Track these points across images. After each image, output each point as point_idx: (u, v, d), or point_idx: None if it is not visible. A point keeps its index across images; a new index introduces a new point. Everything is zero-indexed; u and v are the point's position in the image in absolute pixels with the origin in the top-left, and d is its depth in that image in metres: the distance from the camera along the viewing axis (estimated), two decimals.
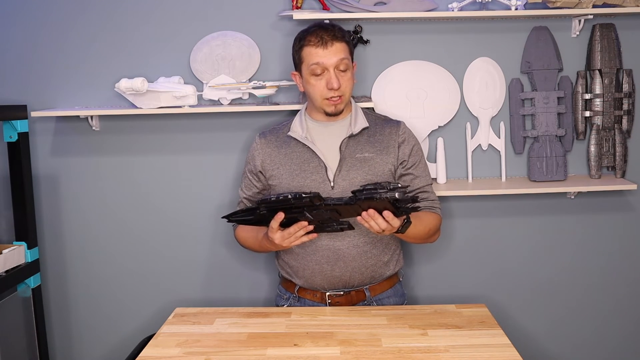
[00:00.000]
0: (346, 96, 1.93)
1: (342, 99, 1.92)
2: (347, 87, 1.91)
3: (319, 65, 1.87)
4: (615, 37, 2.28)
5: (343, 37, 1.90)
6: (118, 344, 2.44)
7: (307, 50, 1.88)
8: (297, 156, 1.95)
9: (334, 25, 1.93)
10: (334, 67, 1.87)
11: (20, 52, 2.31)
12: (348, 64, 1.90)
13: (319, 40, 1.87)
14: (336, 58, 1.87)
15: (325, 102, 1.91)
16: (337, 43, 1.87)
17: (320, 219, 1.73)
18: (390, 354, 1.61)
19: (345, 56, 1.89)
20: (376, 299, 1.99)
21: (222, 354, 1.65)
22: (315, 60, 1.87)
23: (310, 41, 1.88)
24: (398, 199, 1.61)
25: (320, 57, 1.87)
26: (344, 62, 1.88)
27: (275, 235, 1.78)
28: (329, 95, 1.89)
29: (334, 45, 1.87)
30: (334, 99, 1.90)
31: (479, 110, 2.33)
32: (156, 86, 2.19)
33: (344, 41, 1.90)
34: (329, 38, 1.87)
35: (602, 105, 2.29)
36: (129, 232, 2.40)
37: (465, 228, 2.40)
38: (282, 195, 1.70)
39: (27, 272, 2.26)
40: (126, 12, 2.29)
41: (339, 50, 1.88)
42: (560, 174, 2.30)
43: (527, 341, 2.43)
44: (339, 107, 1.93)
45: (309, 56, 1.88)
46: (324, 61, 1.87)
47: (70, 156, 2.36)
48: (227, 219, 1.85)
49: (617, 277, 2.44)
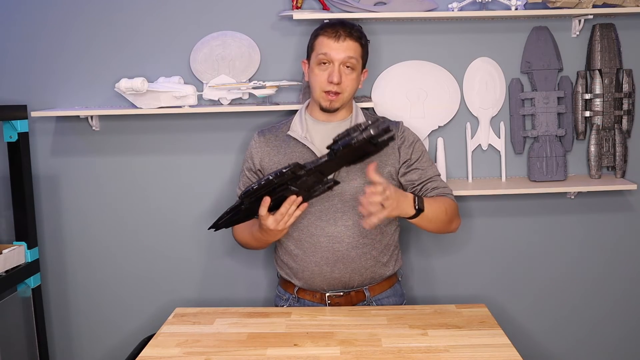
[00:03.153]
0: (345, 95, 1.92)
1: (340, 97, 1.91)
2: (348, 86, 1.91)
3: (326, 56, 1.88)
4: (615, 37, 2.28)
5: (359, 38, 1.91)
6: (118, 344, 2.44)
7: (320, 39, 1.90)
8: (296, 156, 1.95)
9: (355, 25, 1.94)
10: (339, 62, 1.88)
11: (20, 52, 2.31)
12: (355, 65, 1.90)
13: (333, 32, 1.88)
14: (344, 54, 1.88)
15: (323, 95, 1.91)
16: (350, 41, 1.89)
17: (306, 187, 1.70)
18: (390, 354, 1.61)
19: (354, 55, 1.89)
20: (375, 299, 1.99)
21: (222, 354, 1.65)
22: (324, 50, 1.88)
23: (326, 31, 1.90)
24: (374, 134, 1.57)
25: (330, 48, 1.88)
26: (352, 60, 1.89)
27: (268, 222, 1.74)
28: (328, 88, 1.89)
29: (346, 42, 1.88)
30: (331, 94, 1.90)
31: (479, 110, 2.33)
32: (156, 86, 2.19)
33: (359, 42, 1.91)
34: (343, 33, 1.88)
35: (602, 105, 2.29)
36: (129, 232, 2.40)
37: (465, 228, 2.40)
38: (262, 180, 1.66)
39: (27, 272, 2.26)
40: (126, 12, 2.29)
41: (350, 47, 1.88)
42: (560, 174, 2.30)
43: (527, 341, 2.43)
44: (334, 104, 1.92)
45: (320, 45, 1.90)
46: (332, 53, 1.88)
47: (70, 156, 2.36)
48: (214, 228, 1.80)
49: (617, 277, 2.44)
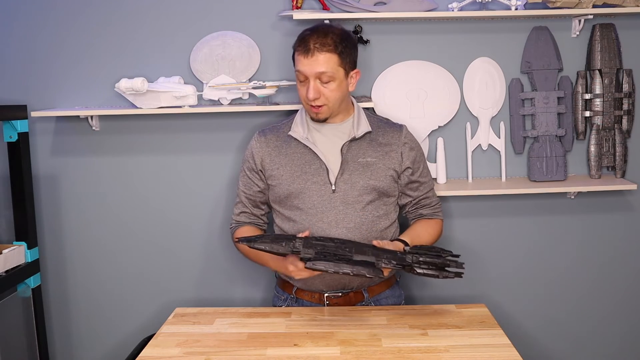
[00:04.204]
0: (331, 104, 1.88)
1: (325, 109, 1.89)
2: (330, 97, 1.86)
3: (301, 73, 1.86)
4: (615, 37, 2.28)
5: (334, 48, 1.82)
6: (118, 344, 2.44)
7: (296, 55, 1.87)
8: (298, 157, 1.94)
9: (329, 32, 1.84)
10: (314, 78, 1.84)
11: (20, 52, 2.31)
12: (332, 76, 1.84)
13: (303, 48, 1.83)
14: (317, 70, 1.82)
15: (309, 108, 1.91)
16: (322, 54, 1.81)
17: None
18: (390, 354, 1.61)
19: (327, 69, 1.82)
20: (374, 300, 1.99)
21: (222, 354, 1.65)
22: (298, 67, 1.86)
23: (299, 47, 1.85)
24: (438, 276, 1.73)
25: (302, 65, 1.84)
26: (326, 74, 1.83)
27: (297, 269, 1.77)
28: (310, 103, 1.88)
29: (316, 56, 1.81)
30: (315, 107, 1.88)
31: (479, 110, 2.33)
32: (156, 86, 2.19)
33: (334, 52, 1.82)
34: (314, 47, 1.81)
35: (602, 105, 2.29)
36: (129, 232, 2.40)
37: (465, 228, 2.40)
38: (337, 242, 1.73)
39: (27, 272, 2.26)
40: (126, 12, 2.29)
41: (320, 62, 1.82)
42: (560, 174, 2.30)
43: (527, 341, 2.43)
44: (321, 116, 1.90)
45: (296, 61, 1.87)
46: (305, 69, 1.84)
47: (70, 156, 2.36)
48: (247, 242, 1.73)
49: (617, 277, 2.44)
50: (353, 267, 1.66)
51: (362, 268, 1.66)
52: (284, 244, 1.71)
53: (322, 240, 1.73)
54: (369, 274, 1.66)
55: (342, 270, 1.65)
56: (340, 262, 1.66)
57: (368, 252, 1.71)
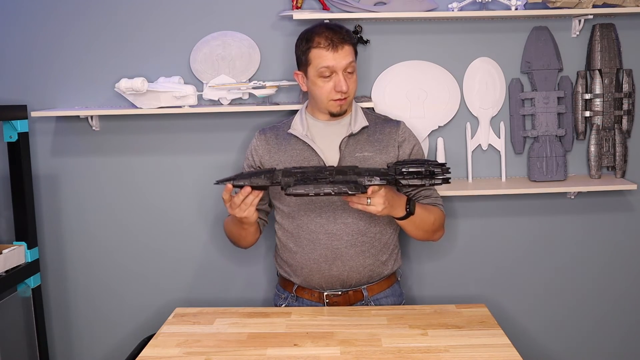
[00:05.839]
0: (351, 97, 1.94)
1: (348, 100, 1.93)
2: (352, 88, 1.93)
3: (329, 68, 1.87)
4: (615, 37, 2.28)
5: (351, 40, 1.91)
6: (118, 344, 2.44)
7: (317, 52, 1.87)
8: (296, 154, 1.95)
9: (340, 26, 1.92)
10: (342, 70, 1.88)
11: (20, 52, 2.31)
12: (354, 66, 1.92)
13: (329, 43, 1.86)
14: (345, 62, 1.87)
15: (332, 104, 1.92)
16: (347, 46, 1.88)
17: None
18: (390, 354, 1.61)
19: (352, 59, 1.90)
20: (374, 299, 1.99)
21: (222, 354, 1.65)
22: (326, 64, 1.87)
23: (320, 43, 1.87)
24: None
25: (331, 60, 1.86)
26: (352, 64, 1.90)
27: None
28: (336, 97, 1.90)
29: (344, 49, 1.87)
30: (341, 100, 1.91)
31: (479, 110, 2.33)
32: (156, 86, 2.19)
33: (351, 43, 1.91)
34: (338, 41, 1.87)
35: (602, 105, 2.29)
36: (129, 232, 2.40)
37: (465, 228, 2.40)
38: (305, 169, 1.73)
39: (27, 272, 2.26)
40: (126, 12, 2.29)
41: (348, 53, 1.88)
42: (560, 174, 2.30)
43: (527, 341, 2.43)
44: (344, 107, 1.94)
45: (318, 59, 1.88)
46: (334, 64, 1.87)
47: (70, 156, 2.36)
48: (227, 181, 1.75)
49: (617, 276, 2.44)
50: (334, 186, 1.67)
51: (344, 186, 1.67)
52: (263, 177, 1.73)
53: (302, 168, 1.75)
54: (350, 191, 1.66)
55: (323, 191, 1.66)
56: (320, 184, 1.67)
57: (349, 172, 1.71)
